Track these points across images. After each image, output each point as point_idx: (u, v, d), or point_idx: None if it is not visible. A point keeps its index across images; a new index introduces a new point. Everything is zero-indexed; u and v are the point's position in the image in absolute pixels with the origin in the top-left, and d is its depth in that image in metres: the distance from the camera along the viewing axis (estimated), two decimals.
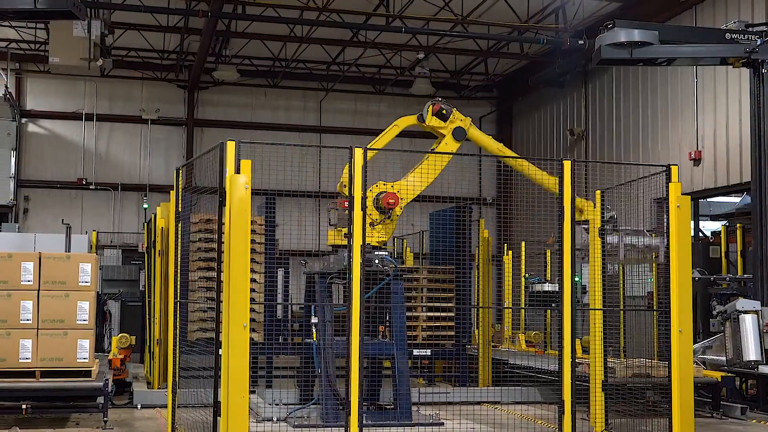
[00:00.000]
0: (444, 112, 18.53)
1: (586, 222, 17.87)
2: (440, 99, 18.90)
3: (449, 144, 18.42)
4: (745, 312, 19.02)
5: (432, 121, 18.46)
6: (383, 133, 18.35)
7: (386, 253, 17.64)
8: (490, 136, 20.02)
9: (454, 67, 39.57)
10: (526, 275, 26.83)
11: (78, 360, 15.96)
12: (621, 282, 21.51)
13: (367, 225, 16.71)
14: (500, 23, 31.54)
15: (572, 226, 12.85)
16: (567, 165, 12.95)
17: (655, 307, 19.57)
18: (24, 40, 36.17)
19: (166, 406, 14.67)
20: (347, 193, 13.09)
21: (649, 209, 16.60)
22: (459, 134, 18.43)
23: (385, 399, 18.06)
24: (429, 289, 20.95)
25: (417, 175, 17.95)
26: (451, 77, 40.41)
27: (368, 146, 13.94)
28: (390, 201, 17.13)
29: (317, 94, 40.25)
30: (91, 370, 16.12)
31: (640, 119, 30.76)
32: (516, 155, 20.45)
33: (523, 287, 26.60)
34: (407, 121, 18.63)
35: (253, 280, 16.32)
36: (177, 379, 14.09)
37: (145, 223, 26.46)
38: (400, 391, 17.14)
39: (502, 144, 20.10)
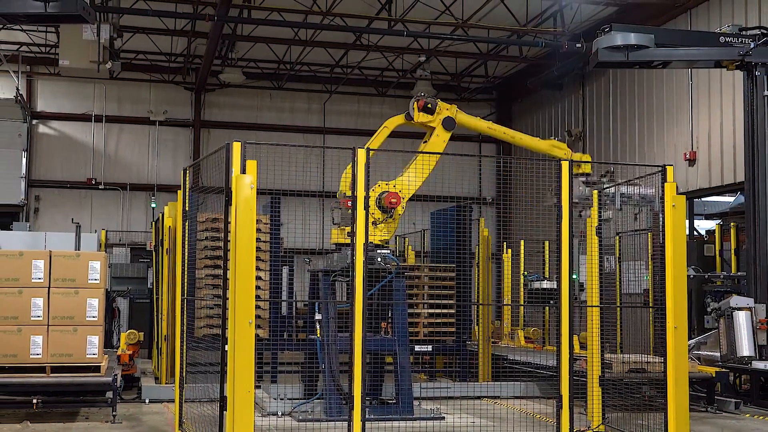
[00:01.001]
0: (429, 105, 18.51)
1: (585, 175, 17.96)
2: (422, 94, 18.82)
3: (440, 135, 18.41)
4: (739, 309, 19.03)
5: (420, 117, 18.46)
6: (375, 135, 18.33)
7: (388, 251, 17.65)
8: (478, 117, 19.99)
9: (455, 69, 39.58)
10: (525, 273, 26.82)
11: (87, 356, 15.97)
12: (618, 279, 21.51)
13: (370, 224, 16.79)
14: (500, 27, 31.57)
15: (570, 225, 12.84)
16: (565, 165, 12.94)
17: (651, 304, 19.56)
18: (35, 43, 36.19)
19: (173, 401, 14.66)
20: (349, 194, 13.08)
21: (645, 208, 16.59)
22: (449, 124, 18.41)
23: (388, 394, 18.06)
24: (430, 287, 20.94)
25: (413, 172, 17.93)
26: (451, 80, 40.42)
27: (366, 146, 13.95)
28: (392, 200, 17.13)
29: (321, 96, 40.29)
30: (100, 366, 16.13)
31: (637, 121, 30.77)
32: (506, 129, 20.35)
33: (522, 285, 26.60)
34: (396, 121, 18.59)
35: (258, 278, 16.31)
36: (184, 374, 14.08)
37: (153, 222, 26.47)
38: (402, 386, 17.15)
39: (491, 122, 20.12)
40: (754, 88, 18.62)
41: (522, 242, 27.17)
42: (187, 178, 14.50)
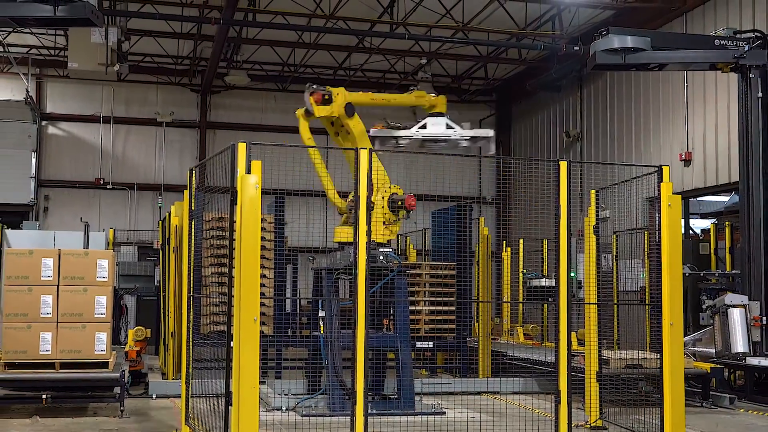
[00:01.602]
0: (326, 97, 17.82)
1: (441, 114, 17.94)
2: (313, 85, 18.13)
3: (354, 125, 18.01)
4: (734, 306, 19.05)
5: (321, 111, 17.78)
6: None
7: (390, 250, 17.65)
8: (367, 93, 19.73)
9: (455, 72, 39.56)
10: (524, 271, 26.83)
11: (96, 352, 16.00)
12: (615, 277, 21.52)
13: (380, 224, 16.83)
14: (499, 30, 31.59)
15: (568, 223, 12.84)
16: (563, 166, 12.93)
17: (647, 302, 19.56)
18: (44, 46, 36.23)
19: (180, 396, 14.66)
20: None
21: (641, 208, 16.59)
22: (349, 110, 17.97)
23: (389, 389, 18.06)
24: (431, 284, 20.95)
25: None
26: (452, 82, 40.38)
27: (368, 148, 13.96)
28: (412, 203, 17.13)
29: None
30: (108, 362, 16.17)
31: (633, 122, 30.77)
32: (381, 95, 20.15)
33: (521, 282, 26.61)
34: (299, 113, 18.23)
35: (263, 276, 16.30)
36: (190, 370, 14.09)
37: (160, 221, 26.48)
38: (404, 382, 17.15)
39: (372, 93, 19.95)
40: (748, 90, 18.64)
41: (521, 241, 27.17)
42: (194, 178, 14.51)
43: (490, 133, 18.82)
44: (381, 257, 16.79)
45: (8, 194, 32.81)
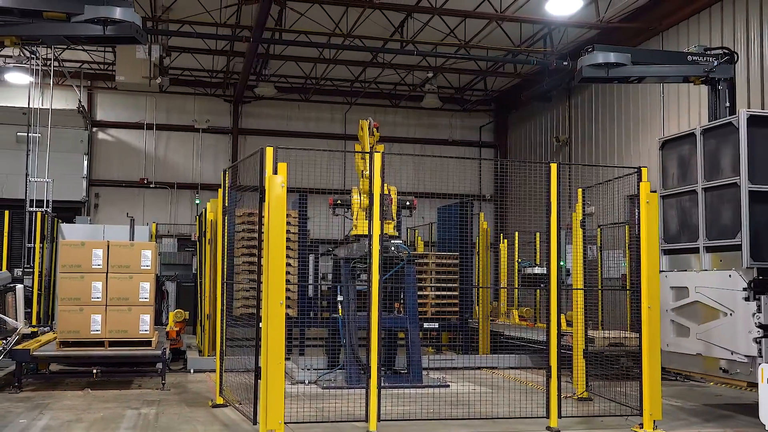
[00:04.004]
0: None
1: None
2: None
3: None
4: None
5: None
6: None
7: (400, 241, 17.66)
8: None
9: (458, 84, 39.53)
10: (519, 260, 26.80)
11: (140, 332, 16.04)
12: (599, 266, 21.48)
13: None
14: (497, 47, 31.54)
15: (558, 218, 12.83)
16: (554, 167, 12.92)
17: (628, 287, 19.50)
18: (95, 61, 36.29)
19: (214, 371, 14.68)
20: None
21: (623, 204, 16.54)
22: None
23: (400, 365, 18.06)
24: (437, 272, 20.94)
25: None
26: (455, 93, 40.36)
27: (381, 152, 13.94)
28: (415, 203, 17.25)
29: (342, 107, 40.26)
30: (151, 340, 16.20)
31: (616, 128, 30.73)
32: None
33: (516, 270, 26.57)
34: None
35: (288, 264, 16.30)
36: (224, 347, 14.11)
37: (197, 216, 26.50)
38: (413, 358, 17.16)
39: None
40: (717, 101, 18.57)
41: (516, 234, 27.14)
42: (227, 178, 14.52)
43: None
44: (392, 248, 16.80)
45: (63, 192, 32.78)
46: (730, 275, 14.07)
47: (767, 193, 13.98)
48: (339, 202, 17.63)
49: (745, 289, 13.76)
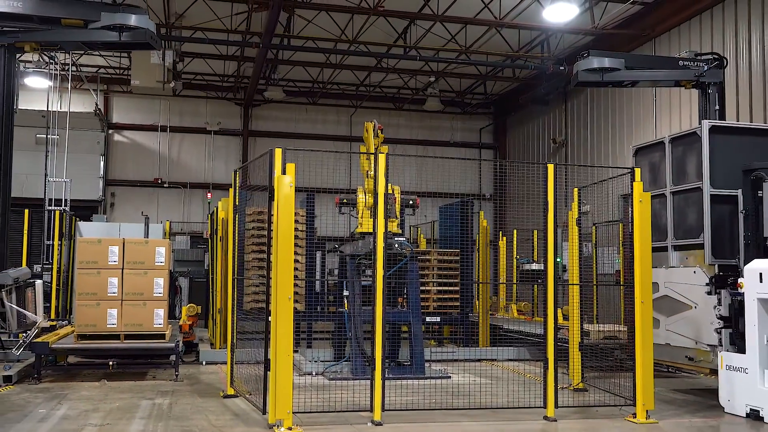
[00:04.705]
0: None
1: None
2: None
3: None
4: None
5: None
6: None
7: (404, 239, 17.66)
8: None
9: (459, 88, 39.56)
10: (518, 257, 26.79)
11: (154, 325, 16.06)
12: (594, 262, 21.47)
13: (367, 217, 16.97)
14: (496, 53, 31.56)
15: (555, 216, 12.83)
16: (551, 167, 12.92)
17: (621, 283, 19.49)
18: (111, 66, 36.32)
19: (225, 363, 14.70)
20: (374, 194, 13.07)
21: (616, 203, 16.55)
22: None
23: (403, 357, 18.07)
24: (439, 268, 20.94)
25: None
26: (456, 96, 40.39)
27: (385, 153, 13.94)
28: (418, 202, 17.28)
29: (348, 110, 40.34)
30: (165, 334, 16.22)
31: (610, 130, 30.73)
32: None
33: (515, 266, 26.55)
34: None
35: (296, 261, 16.30)
36: (235, 340, 14.12)
37: (209, 215, 26.50)
38: (415, 351, 17.15)
39: None
40: (707, 104, 18.57)
41: (515, 231, 27.14)
42: (237, 178, 14.53)
43: None
44: (396, 245, 16.81)
45: (80, 192, 32.80)
46: (694, 271, 14.97)
47: (727, 196, 14.75)
48: (345, 201, 17.66)
49: (707, 284, 14.63)
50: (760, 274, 12.88)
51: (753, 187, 13.91)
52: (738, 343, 13.70)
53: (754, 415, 12.90)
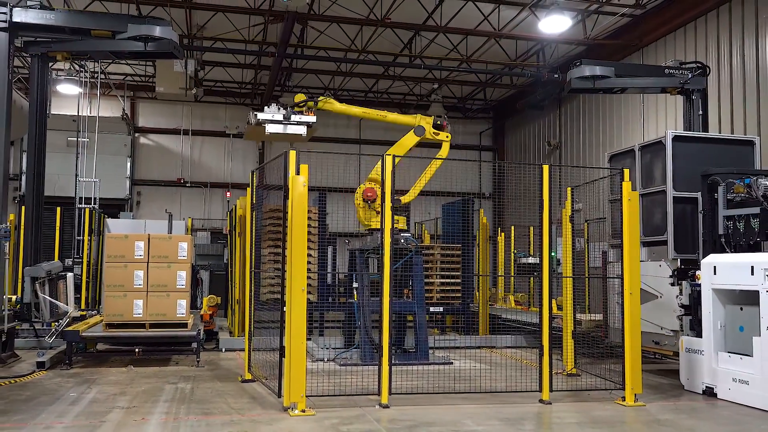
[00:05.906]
0: (439, 123, 18.65)
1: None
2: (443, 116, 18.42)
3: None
4: None
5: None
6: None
7: (409, 234, 17.67)
8: (352, 105, 19.82)
9: (461, 94, 39.53)
10: (515, 251, 26.78)
11: (177, 315, 16.05)
12: (586, 256, 21.46)
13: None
14: (495, 62, 31.57)
15: (550, 214, 12.82)
16: (546, 169, 12.90)
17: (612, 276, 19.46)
18: (137, 74, 36.34)
19: (243, 350, 14.71)
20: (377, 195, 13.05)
21: (607, 202, 16.57)
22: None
23: (409, 344, 18.07)
24: (442, 262, 20.92)
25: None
26: (458, 102, 40.39)
27: (392, 154, 13.94)
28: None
29: None
30: (187, 323, 16.22)
31: (602, 133, 30.71)
32: (379, 111, 20.01)
33: (512, 260, 26.56)
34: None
35: (309, 255, 16.32)
36: (252, 329, 14.12)
37: (228, 212, 26.55)
38: (420, 339, 17.15)
39: (366, 108, 20.04)
40: (691, 109, 18.57)
41: (512, 227, 27.14)
42: (254, 178, 14.55)
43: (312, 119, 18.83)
44: (402, 240, 16.81)
45: (109, 191, 32.85)
46: (660, 265, 15.65)
47: (688, 198, 15.67)
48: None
49: (671, 276, 15.38)
50: (714, 267, 13.54)
51: (710, 190, 14.67)
52: (696, 329, 14.40)
53: (709, 392, 13.49)
